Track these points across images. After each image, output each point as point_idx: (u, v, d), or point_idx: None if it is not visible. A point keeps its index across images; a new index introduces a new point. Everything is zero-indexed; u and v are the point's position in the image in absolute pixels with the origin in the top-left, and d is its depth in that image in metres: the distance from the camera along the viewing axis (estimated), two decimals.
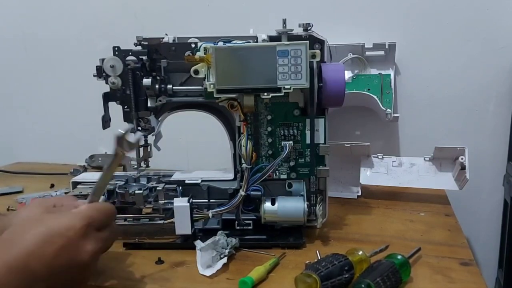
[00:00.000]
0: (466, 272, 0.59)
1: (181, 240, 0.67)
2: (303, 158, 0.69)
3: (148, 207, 0.69)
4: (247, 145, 0.66)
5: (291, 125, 0.68)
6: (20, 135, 1.28)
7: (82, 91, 1.10)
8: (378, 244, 0.63)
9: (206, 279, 0.58)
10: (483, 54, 0.93)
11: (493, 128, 0.95)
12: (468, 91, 0.95)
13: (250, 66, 0.62)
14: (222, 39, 0.64)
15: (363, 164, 0.89)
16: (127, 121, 0.68)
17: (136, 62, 0.65)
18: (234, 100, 0.66)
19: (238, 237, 0.65)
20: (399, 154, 0.99)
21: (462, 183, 0.81)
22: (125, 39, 0.68)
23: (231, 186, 0.69)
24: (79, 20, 1.15)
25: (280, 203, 0.67)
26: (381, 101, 0.89)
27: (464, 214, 0.85)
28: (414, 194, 0.88)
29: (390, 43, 0.91)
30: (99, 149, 1.09)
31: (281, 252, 0.65)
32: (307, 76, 0.62)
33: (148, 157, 0.71)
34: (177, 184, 0.70)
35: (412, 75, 0.96)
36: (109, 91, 0.68)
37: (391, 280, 0.53)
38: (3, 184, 1.01)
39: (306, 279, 0.52)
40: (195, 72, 0.64)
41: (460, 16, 0.92)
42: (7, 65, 1.24)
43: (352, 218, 0.78)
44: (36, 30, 1.19)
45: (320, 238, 0.70)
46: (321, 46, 0.65)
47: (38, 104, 1.24)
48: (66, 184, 0.83)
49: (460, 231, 0.72)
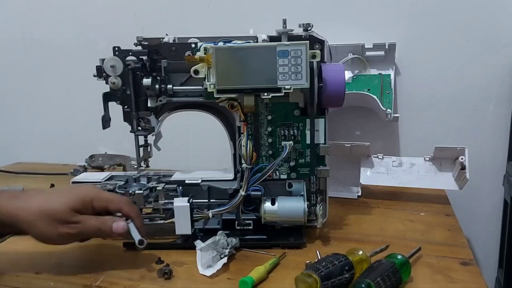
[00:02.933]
0: (466, 272, 0.59)
1: (181, 240, 0.67)
2: (303, 158, 0.69)
3: (148, 207, 0.69)
4: (247, 145, 0.66)
5: (291, 125, 0.68)
6: (20, 135, 1.28)
7: (82, 91, 1.10)
8: (378, 244, 0.63)
9: (206, 279, 0.58)
10: (483, 54, 0.93)
11: (493, 128, 0.95)
12: (468, 91, 0.95)
13: (250, 66, 0.62)
14: (222, 39, 0.64)
15: (363, 164, 0.89)
16: (127, 121, 0.68)
17: (136, 62, 0.65)
18: (234, 100, 0.66)
19: (238, 237, 0.65)
20: (399, 154, 1.00)
21: (462, 183, 0.81)
22: (125, 39, 0.68)
23: (231, 186, 0.69)
24: (79, 20, 1.15)
25: (280, 203, 0.67)
26: (381, 101, 0.89)
27: (464, 214, 0.85)
28: (414, 194, 0.88)
29: (390, 43, 0.91)
30: (99, 149, 1.09)
31: (281, 252, 0.65)
32: (307, 76, 0.62)
33: (148, 157, 0.71)
34: (177, 184, 0.70)
35: (412, 75, 0.96)
36: (109, 91, 0.68)
37: (391, 280, 0.53)
38: (3, 184, 1.01)
39: (307, 279, 0.52)
40: (195, 72, 0.64)
41: (460, 16, 0.92)
42: (8, 65, 1.24)
43: (352, 218, 0.78)
44: (36, 30, 1.19)
45: (320, 238, 0.70)
46: (321, 46, 0.65)
47: (38, 104, 1.24)
48: (66, 184, 0.83)
49: (460, 231, 0.72)
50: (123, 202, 0.61)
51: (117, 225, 0.59)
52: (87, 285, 0.58)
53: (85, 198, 0.58)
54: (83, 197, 0.58)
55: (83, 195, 0.59)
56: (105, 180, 0.73)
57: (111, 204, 0.60)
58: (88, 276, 0.59)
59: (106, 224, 0.59)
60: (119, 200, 0.61)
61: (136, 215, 0.61)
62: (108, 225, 0.58)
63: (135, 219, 0.60)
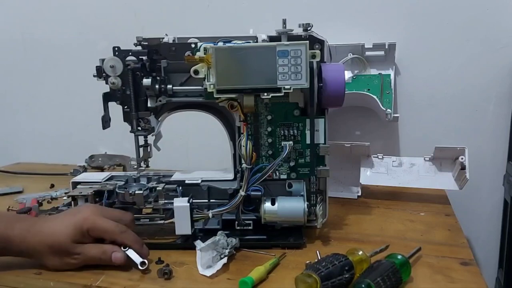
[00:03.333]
0: (466, 272, 0.59)
1: (181, 240, 0.67)
2: (303, 158, 0.69)
3: (148, 207, 0.69)
4: (247, 145, 0.66)
5: (291, 125, 0.68)
6: (20, 135, 1.28)
7: (82, 91, 1.10)
8: (378, 244, 0.63)
9: (206, 279, 0.58)
10: (483, 54, 0.93)
11: (493, 128, 0.95)
12: (468, 91, 0.95)
13: (250, 66, 0.62)
14: (222, 39, 0.64)
15: (363, 164, 0.89)
16: (127, 121, 0.68)
17: (136, 62, 0.65)
18: (234, 100, 0.66)
19: (238, 237, 0.65)
20: (399, 154, 0.99)
21: (462, 183, 0.81)
22: (125, 39, 0.68)
23: (231, 186, 0.69)
24: (79, 20, 1.15)
25: (280, 203, 0.67)
26: (381, 101, 0.89)
27: (464, 214, 0.85)
28: (414, 194, 0.88)
29: (390, 43, 0.91)
30: (99, 149, 1.09)
31: (281, 252, 0.65)
32: (307, 76, 0.62)
33: (148, 157, 0.71)
34: (177, 184, 0.70)
35: (412, 75, 0.96)
36: (109, 91, 0.68)
37: (391, 280, 0.53)
38: (3, 184, 1.01)
39: (307, 279, 0.52)
40: (195, 72, 0.64)
41: (460, 16, 0.92)
42: (8, 65, 1.24)
43: (352, 218, 0.78)
44: (36, 30, 1.19)
45: (320, 238, 0.70)
46: (321, 46, 0.65)
47: (38, 104, 1.24)
48: (66, 184, 0.83)
49: (460, 231, 0.72)
50: (117, 232, 0.61)
51: (115, 256, 0.60)
52: (87, 285, 0.58)
53: (82, 228, 0.60)
54: (80, 228, 0.60)
55: (79, 226, 0.60)
56: (105, 180, 0.73)
57: (106, 235, 0.61)
58: (88, 276, 0.59)
59: (106, 255, 0.60)
60: (113, 230, 0.61)
61: (132, 242, 0.61)
62: (108, 256, 0.60)
63: (133, 245, 0.61)
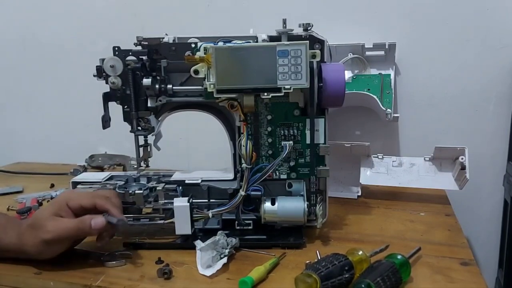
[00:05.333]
0: (466, 272, 0.59)
1: (181, 240, 0.67)
2: (303, 158, 0.69)
3: (148, 207, 0.69)
4: (247, 145, 0.66)
5: (291, 125, 0.68)
6: (20, 135, 1.28)
7: (82, 91, 1.10)
8: (378, 244, 0.63)
9: (206, 279, 0.58)
10: (483, 54, 0.93)
11: (493, 128, 0.95)
12: (468, 91, 0.95)
13: (250, 66, 0.62)
14: (222, 39, 0.64)
15: (363, 164, 0.89)
16: (127, 121, 0.68)
17: (136, 62, 0.65)
18: (234, 100, 0.66)
19: (238, 237, 0.65)
20: (399, 154, 0.99)
21: (462, 183, 0.81)
22: (125, 39, 0.68)
23: (231, 186, 0.69)
24: (79, 20, 1.15)
25: (280, 203, 0.67)
26: (381, 101, 0.89)
27: (464, 214, 0.85)
28: (414, 194, 0.88)
29: (390, 43, 0.91)
30: (99, 149, 1.09)
31: (281, 252, 0.65)
32: (307, 76, 0.62)
33: (148, 157, 0.71)
34: (177, 184, 0.70)
35: (412, 75, 0.96)
36: (109, 91, 0.68)
37: (391, 280, 0.53)
38: (3, 184, 1.01)
39: (306, 279, 0.52)
40: (195, 72, 0.64)
41: (460, 16, 0.92)
42: (8, 65, 1.24)
43: (352, 218, 0.78)
44: (36, 30, 1.19)
45: (320, 238, 0.70)
46: (321, 46, 0.65)
47: (38, 104, 1.24)
48: (66, 184, 0.83)
49: (460, 231, 0.72)
50: (95, 196, 0.62)
51: (95, 221, 0.59)
52: (87, 285, 0.58)
53: (61, 202, 0.60)
54: (59, 201, 0.61)
55: (58, 200, 0.61)
56: (105, 180, 0.73)
57: (84, 201, 0.61)
58: (88, 276, 0.59)
59: (85, 223, 0.59)
60: (91, 195, 0.62)
61: (111, 205, 0.61)
62: (87, 223, 0.59)
63: (111, 209, 0.61)
